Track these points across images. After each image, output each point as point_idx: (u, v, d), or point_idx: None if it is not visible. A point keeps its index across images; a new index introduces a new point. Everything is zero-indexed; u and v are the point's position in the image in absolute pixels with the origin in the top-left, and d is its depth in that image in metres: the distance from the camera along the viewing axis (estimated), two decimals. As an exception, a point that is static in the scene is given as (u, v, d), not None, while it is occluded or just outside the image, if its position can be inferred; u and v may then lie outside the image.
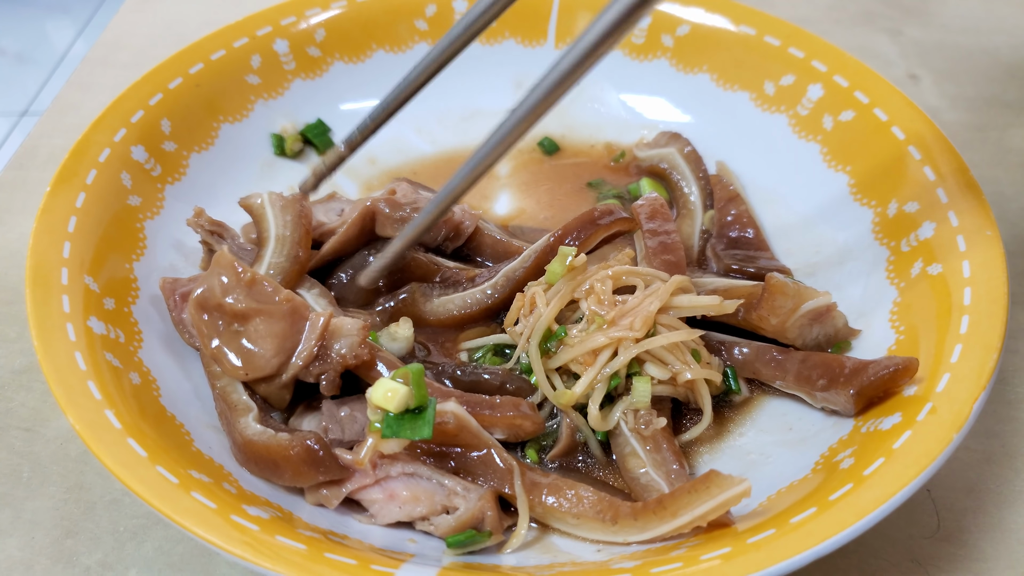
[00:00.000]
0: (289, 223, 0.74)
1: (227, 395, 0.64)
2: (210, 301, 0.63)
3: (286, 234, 0.73)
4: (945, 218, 0.70)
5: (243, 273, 0.63)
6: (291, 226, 0.74)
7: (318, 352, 0.63)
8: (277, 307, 0.63)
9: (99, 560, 0.62)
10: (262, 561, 0.49)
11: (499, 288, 0.72)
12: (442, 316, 0.73)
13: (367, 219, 0.76)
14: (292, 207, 0.75)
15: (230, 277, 0.63)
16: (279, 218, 0.74)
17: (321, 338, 0.63)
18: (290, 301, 0.63)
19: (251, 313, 0.63)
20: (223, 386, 0.64)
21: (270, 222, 0.74)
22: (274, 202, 0.75)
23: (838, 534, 0.51)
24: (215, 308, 0.63)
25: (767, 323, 0.67)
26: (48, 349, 0.59)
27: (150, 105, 0.80)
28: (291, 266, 0.72)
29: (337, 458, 0.58)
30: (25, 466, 0.67)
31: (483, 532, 0.57)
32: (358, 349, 0.63)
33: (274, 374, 0.63)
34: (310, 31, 0.91)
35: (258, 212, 0.75)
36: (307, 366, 0.63)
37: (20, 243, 0.85)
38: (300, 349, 0.63)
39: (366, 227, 0.76)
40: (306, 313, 0.64)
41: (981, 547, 0.63)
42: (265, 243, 0.74)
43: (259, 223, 0.75)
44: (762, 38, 0.88)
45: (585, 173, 0.91)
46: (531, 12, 0.95)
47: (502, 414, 0.62)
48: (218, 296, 0.63)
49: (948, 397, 0.58)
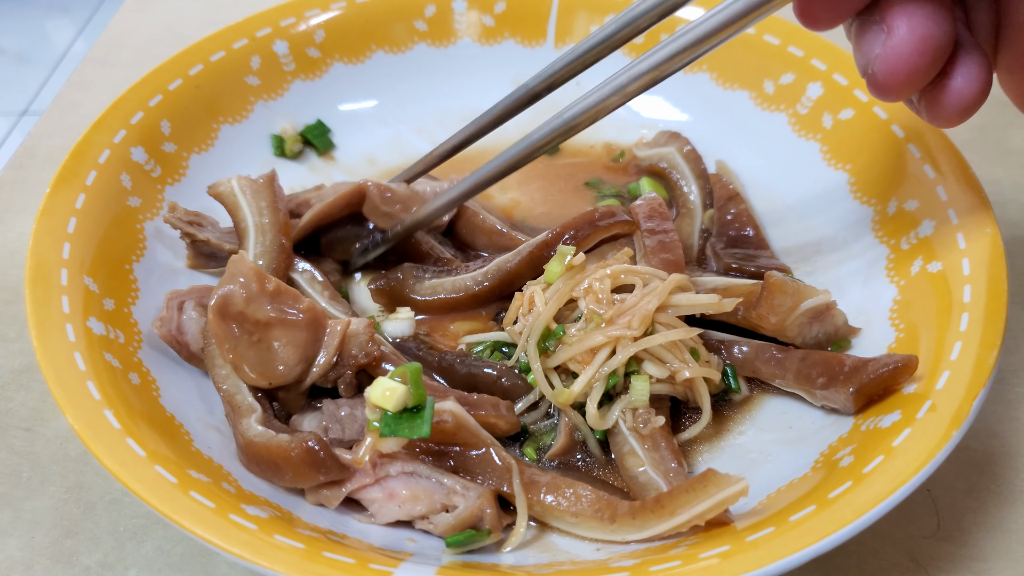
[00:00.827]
0: (265, 209, 0.72)
1: (231, 397, 0.63)
2: (231, 309, 0.62)
3: (264, 222, 0.71)
4: (945, 216, 0.70)
5: (267, 283, 0.63)
6: (268, 212, 0.72)
7: (336, 360, 0.63)
8: (299, 317, 0.63)
9: (99, 560, 0.62)
10: (261, 560, 0.49)
11: (489, 277, 0.73)
12: (430, 299, 0.74)
13: (356, 196, 0.75)
14: (265, 191, 0.72)
15: (253, 286, 0.62)
16: (253, 205, 0.72)
17: (340, 345, 0.63)
18: (311, 311, 0.63)
19: (273, 323, 0.62)
20: (228, 388, 0.64)
21: (245, 211, 0.72)
22: (244, 188, 0.72)
23: (837, 532, 0.51)
24: (236, 316, 0.62)
25: (766, 321, 0.67)
26: (48, 349, 0.59)
27: (150, 106, 0.80)
28: (277, 254, 0.71)
29: (338, 459, 0.58)
30: (25, 466, 0.67)
31: (482, 531, 0.57)
32: (368, 347, 0.63)
33: (291, 383, 0.63)
34: (310, 32, 0.91)
35: (230, 200, 0.73)
36: (325, 373, 0.63)
37: (20, 243, 0.85)
38: (320, 357, 0.63)
39: (353, 203, 0.75)
40: (326, 321, 0.64)
41: (981, 547, 0.63)
42: (245, 234, 0.72)
43: (233, 212, 0.73)
44: (761, 37, 0.88)
45: (584, 173, 0.91)
46: (530, 12, 0.95)
47: (476, 412, 0.62)
48: (240, 305, 0.62)
49: (948, 395, 0.58)
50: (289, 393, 0.64)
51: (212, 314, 0.62)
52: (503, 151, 0.71)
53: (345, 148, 0.92)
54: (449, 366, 0.68)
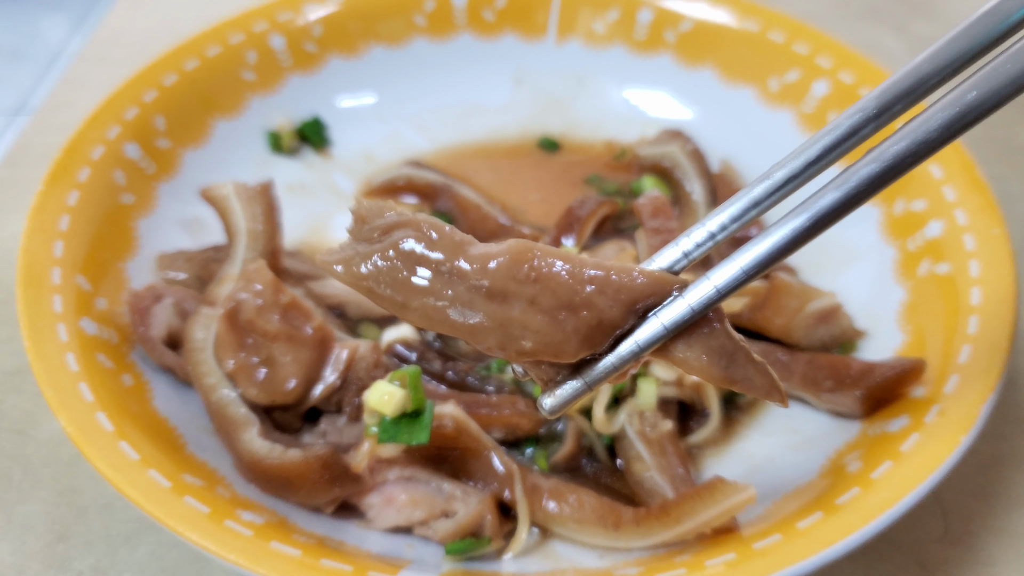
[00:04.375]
0: (259, 216, 0.70)
1: (224, 409, 0.60)
2: (242, 316, 0.60)
3: (257, 228, 0.70)
4: (952, 217, 0.69)
5: (282, 295, 0.61)
6: (262, 219, 0.70)
7: (340, 384, 0.62)
8: (308, 335, 0.61)
9: (91, 565, 0.61)
10: (256, 567, 0.49)
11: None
12: None
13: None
14: (261, 198, 0.71)
15: (268, 296, 0.61)
16: (247, 211, 0.70)
17: (345, 373, 0.62)
18: (321, 331, 0.62)
19: (281, 336, 0.61)
20: (218, 399, 0.61)
21: (238, 215, 0.70)
22: (240, 193, 0.71)
23: (845, 539, 0.50)
24: (245, 325, 0.61)
25: (772, 323, 0.66)
26: (39, 350, 0.58)
27: (144, 102, 0.79)
28: (267, 263, 0.70)
29: (352, 471, 0.57)
30: (16, 469, 0.66)
31: (482, 538, 0.56)
32: (374, 371, 0.62)
33: (292, 403, 0.62)
34: (307, 27, 0.90)
35: (222, 205, 0.71)
36: (329, 396, 0.62)
37: (12, 242, 0.83)
38: (322, 382, 0.62)
39: None
40: (332, 344, 0.63)
41: (989, 551, 0.62)
42: (235, 239, 0.70)
43: (225, 216, 0.71)
44: (766, 34, 0.87)
45: (584, 170, 0.90)
46: (531, 6, 0.94)
47: (499, 413, 0.61)
48: (251, 313, 0.60)
49: (957, 399, 0.57)
50: (286, 415, 0.63)
51: (221, 319, 0.61)
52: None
53: (342, 144, 0.90)
54: (458, 378, 0.67)
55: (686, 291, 0.42)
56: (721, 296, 0.41)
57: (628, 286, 0.40)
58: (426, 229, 0.41)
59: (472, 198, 0.82)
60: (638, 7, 0.92)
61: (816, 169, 0.43)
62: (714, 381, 0.42)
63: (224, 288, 0.66)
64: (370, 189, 0.87)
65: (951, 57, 0.41)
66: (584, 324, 0.40)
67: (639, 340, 0.41)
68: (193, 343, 0.63)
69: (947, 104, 0.40)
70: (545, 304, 0.40)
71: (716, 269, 0.42)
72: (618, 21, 0.93)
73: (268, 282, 0.61)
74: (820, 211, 0.41)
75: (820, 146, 0.42)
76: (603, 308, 0.40)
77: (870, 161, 0.41)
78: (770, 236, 0.42)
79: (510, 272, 0.40)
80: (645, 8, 0.91)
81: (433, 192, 0.85)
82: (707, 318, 0.42)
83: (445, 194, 0.84)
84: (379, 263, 0.41)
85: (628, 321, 0.41)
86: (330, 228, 0.84)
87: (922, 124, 0.40)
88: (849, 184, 0.41)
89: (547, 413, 0.43)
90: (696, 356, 0.41)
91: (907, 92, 0.42)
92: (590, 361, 0.42)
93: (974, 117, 0.40)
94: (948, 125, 0.40)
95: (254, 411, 0.61)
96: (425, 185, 0.85)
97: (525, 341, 0.40)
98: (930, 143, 0.40)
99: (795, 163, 0.43)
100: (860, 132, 0.42)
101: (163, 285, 0.68)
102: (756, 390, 0.42)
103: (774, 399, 0.42)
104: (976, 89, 0.39)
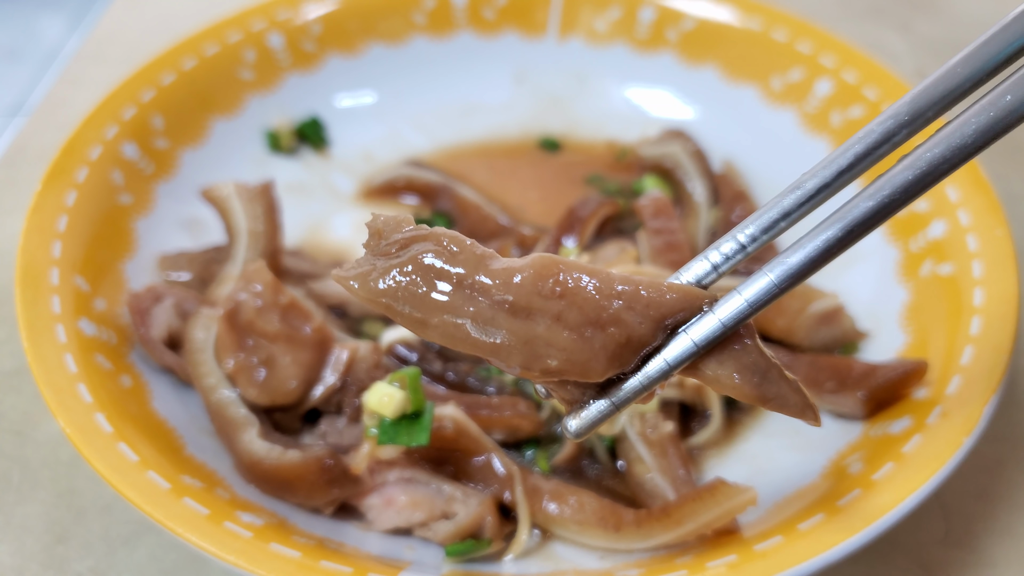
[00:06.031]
0: (260, 216, 0.70)
1: (224, 410, 0.60)
2: (241, 316, 0.60)
3: (259, 229, 0.70)
4: (955, 217, 0.69)
5: (281, 296, 0.61)
6: (263, 220, 0.70)
7: (340, 386, 0.62)
8: (307, 336, 0.61)
9: (90, 567, 0.61)
10: (256, 569, 0.48)
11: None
12: None
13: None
14: (262, 198, 0.71)
15: (268, 297, 0.60)
16: (248, 211, 0.70)
17: (345, 374, 0.62)
18: (320, 332, 0.62)
19: (281, 337, 0.60)
20: (218, 400, 0.61)
21: (239, 215, 0.70)
22: (241, 193, 0.71)
23: (846, 541, 0.50)
24: (245, 326, 0.60)
25: (774, 324, 0.66)
26: (38, 351, 0.58)
27: (142, 102, 0.78)
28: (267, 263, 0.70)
29: (351, 473, 0.57)
30: (15, 470, 0.66)
31: (483, 540, 0.56)
32: (374, 372, 0.62)
33: (291, 404, 0.61)
34: (306, 26, 0.89)
35: (223, 205, 0.71)
36: (329, 397, 0.62)
37: (10, 243, 0.83)
38: (321, 384, 0.62)
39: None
40: (332, 345, 0.62)
41: (991, 553, 0.62)
42: (236, 239, 0.70)
43: (226, 216, 0.71)
44: (769, 33, 0.87)
45: (584, 170, 0.90)
46: (531, 4, 0.93)
47: (499, 414, 0.61)
48: (251, 313, 0.60)
49: (959, 400, 0.57)
50: (286, 416, 0.62)
51: (221, 320, 0.60)
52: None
53: (341, 144, 0.90)
54: (459, 379, 0.67)
55: (716, 306, 0.40)
56: (753, 310, 0.40)
57: (658, 301, 0.39)
58: (446, 243, 0.39)
59: (472, 198, 0.82)
60: (640, 5, 0.91)
61: (848, 178, 0.41)
62: (746, 399, 0.40)
63: (225, 288, 0.66)
64: (369, 189, 0.86)
65: (985, 60, 0.40)
66: (612, 341, 0.38)
67: (668, 358, 0.40)
68: (193, 344, 0.63)
69: (982, 108, 0.39)
70: (571, 320, 0.38)
71: (747, 283, 0.41)
72: (620, 19, 0.92)
73: (268, 283, 0.61)
74: (854, 220, 0.40)
75: (852, 154, 0.41)
76: (632, 324, 0.38)
77: (904, 168, 0.39)
78: (803, 247, 0.40)
79: (535, 287, 0.38)
80: (647, 6, 0.91)
81: (433, 192, 0.85)
82: (738, 334, 0.40)
83: (445, 194, 0.84)
84: (397, 278, 0.39)
85: (657, 338, 0.39)
86: (329, 228, 0.83)
87: (957, 129, 0.39)
88: (883, 192, 0.39)
89: (573, 436, 0.41)
90: (728, 374, 0.40)
91: (941, 97, 0.40)
92: (617, 380, 0.40)
93: (1011, 121, 0.38)
94: (985, 130, 0.38)
95: (254, 412, 0.61)
96: (425, 185, 0.85)
97: (551, 360, 0.38)
98: (966, 148, 0.39)
99: (826, 172, 0.41)
100: (893, 139, 0.41)
101: (163, 286, 0.68)
102: (789, 408, 0.41)
103: (807, 418, 0.41)
104: (1011, 93, 0.38)
